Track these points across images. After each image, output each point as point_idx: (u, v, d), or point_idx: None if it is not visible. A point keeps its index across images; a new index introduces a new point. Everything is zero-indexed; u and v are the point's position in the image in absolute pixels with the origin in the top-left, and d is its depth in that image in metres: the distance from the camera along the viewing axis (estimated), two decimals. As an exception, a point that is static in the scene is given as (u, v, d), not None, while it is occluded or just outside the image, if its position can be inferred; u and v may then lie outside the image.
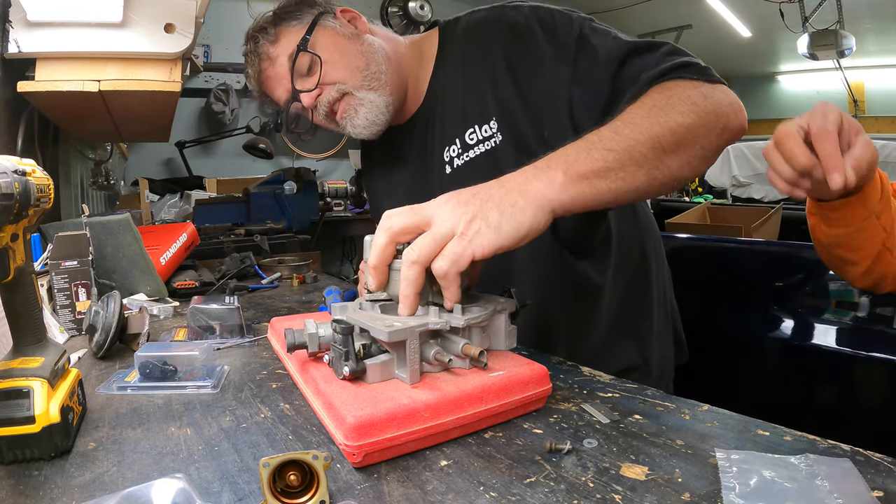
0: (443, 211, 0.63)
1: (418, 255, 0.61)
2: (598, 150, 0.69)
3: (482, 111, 0.99)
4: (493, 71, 0.98)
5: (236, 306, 1.01)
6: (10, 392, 0.54)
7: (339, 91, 1.01)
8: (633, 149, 0.70)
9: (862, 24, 5.80)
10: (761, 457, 0.53)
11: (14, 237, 0.56)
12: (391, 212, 0.65)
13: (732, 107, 0.80)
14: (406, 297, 0.63)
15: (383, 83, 1.02)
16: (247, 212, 2.73)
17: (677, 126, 0.73)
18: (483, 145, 0.99)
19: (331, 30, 1.04)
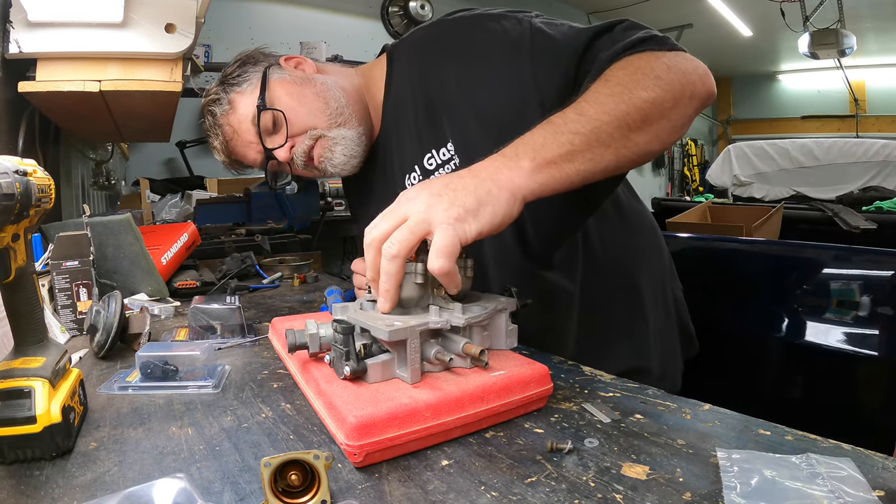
0: (416, 204, 0.63)
1: (398, 249, 0.61)
2: (563, 135, 0.68)
3: (437, 135, 0.98)
4: (442, 91, 0.97)
5: (237, 306, 1.01)
6: (12, 392, 0.54)
7: (312, 137, 1.02)
8: (600, 129, 0.69)
9: (863, 23, 5.80)
10: (762, 456, 0.53)
11: (15, 237, 0.56)
12: (370, 226, 0.65)
13: (698, 72, 0.78)
14: (387, 292, 0.62)
15: (349, 116, 1.02)
16: (248, 212, 2.73)
17: (643, 102, 0.72)
18: (443, 169, 0.98)
19: (281, 81, 1.03)
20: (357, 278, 1.15)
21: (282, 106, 1.01)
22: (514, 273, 0.99)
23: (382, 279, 0.62)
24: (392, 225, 0.63)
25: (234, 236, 2.29)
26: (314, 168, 1.05)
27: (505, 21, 0.93)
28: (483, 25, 0.95)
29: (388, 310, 0.63)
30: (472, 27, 0.96)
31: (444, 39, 0.99)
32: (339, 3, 4.47)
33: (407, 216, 0.62)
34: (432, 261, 0.59)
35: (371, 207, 1.14)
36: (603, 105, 0.71)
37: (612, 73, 0.76)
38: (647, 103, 0.72)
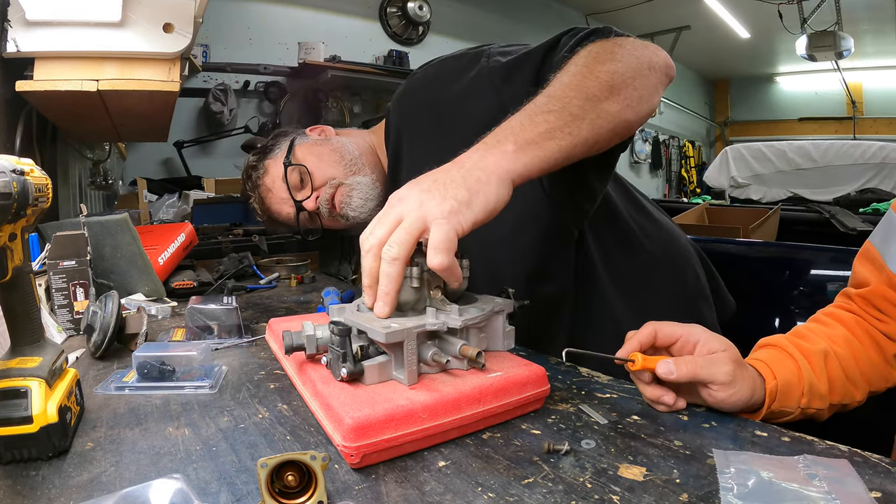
0: (409, 203, 0.63)
1: (397, 251, 0.60)
2: (538, 115, 0.70)
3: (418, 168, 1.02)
4: (424, 142, 1.05)
5: (234, 306, 1.01)
6: (8, 392, 0.54)
7: (332, 186, 1.17)
8: (570, 104, 0.71)
9: (860, 26, 5.81)
10: (759, 457, 0.53)
11: (12, 237, 0.56)
12: (365, 232, 0.65)
13: (649, 48, 0.83)
14: (387, 295, 0.62)
15: (361, 166, 1.19)
16: (245, 212, 2.72)
17: (604, 74, 0.75)
18: None
19: (305, 144, 1.22)
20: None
21: (305, 163, 1.18)
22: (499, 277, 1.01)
23: (383, 282, 0.62)
24: (388, 228, 0.62)
25: (231, 236, 2.29)
26: (338, 215, 1.19)
27: (465, 59, 1.02)
28: (448, 71, 1.04)
29: (387, 314, 0.63)
30: (436, 77, 1.06)
31: (416, 96, 1.10)
32: (337, 3, 4.47)
33: (401, 217, 0.62)
34: (431, 257, 0.59)
35: None
36: (567, 84, 0.74)
37: (569, 63, 0.79)
38: (608, 74, 0.75)
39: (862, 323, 0.75)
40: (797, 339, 0.72)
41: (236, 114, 4.04)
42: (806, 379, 0.67)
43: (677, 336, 0.67)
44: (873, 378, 0.72)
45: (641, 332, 0.68)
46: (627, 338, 0.68)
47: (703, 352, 0.65)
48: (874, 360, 0.72)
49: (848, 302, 0.79)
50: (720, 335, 0.67)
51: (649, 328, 0.68)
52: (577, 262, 1.03)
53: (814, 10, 5.37)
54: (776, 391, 0.65)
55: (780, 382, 0.66)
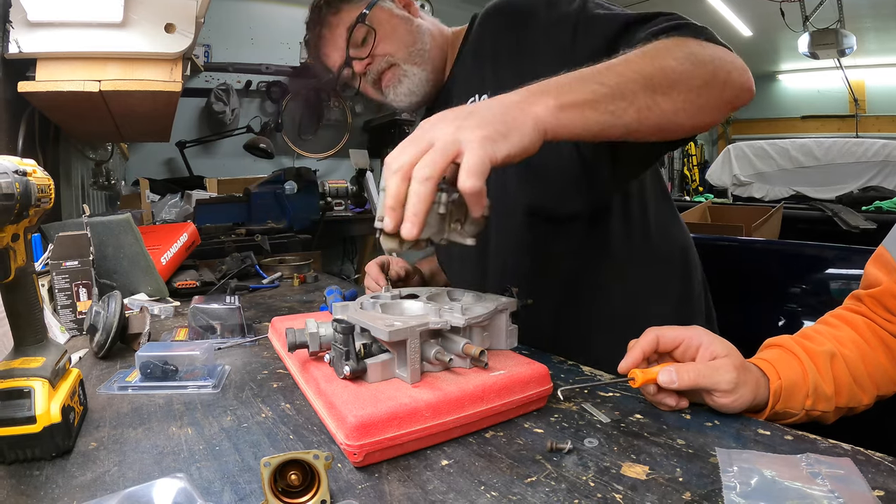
0: (443, 127, 0.62)
1: (430, 171, 0.59)
2: (589, 83, 0.68)
3: (480, 89, 1.05)
4: (495, 57, 1.03)
5: (237, 306, 1.01)
6: (12, 392, 0.54)
7: (388, 62, 1.13)
8: (624, 85, 0.69)
9: (862, 23, 5.79)
10: (762, 456, 0.53)
11: (15, 237, 0.56)
12: (393, 154, 0.63)
13: (734, 64, 0.79)
14: (416, 216, 0.59)
15: (426, 59, 1.14)
16: (248, 211, 2.73)
17: (670, 69, 0.72)
18: None
19: (387, 10, 1.15)
20: (369, 280, 1.19)
21: (377, 28, 1.12)
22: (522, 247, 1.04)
23: (412, 202, 0.59)
24: (418, 150, 0.61)
25: (233, 236, 2.29)
26: (379, 91, 1.17)
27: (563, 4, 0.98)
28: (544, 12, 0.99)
29: (415, 235, 0.60)
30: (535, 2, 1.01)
31: (511, 10, 1.05)
32: (338, 3, 4.47)
33: (433, 142, 0.61)
34: (463, 180, 0.58)
35: None
36: (630, 64, 0.71)
37: (645, 46, 0.76)
38: (675, 72, 0.72)
39: (871, 325, 0.75)
40: (803, 340, 0.72)
41: (238, 113, 4.04)
42: (811, 380, 0.67)
43: (680, 340, 0.67)
44: (882, 381, 0.71)
45: (643, 341, 0.67)
46: (630, 347, 0.68)
47: (706, 356, 0.65)
48: (883, 363, 0.71)
49: (857, 304, 0.79)
50: (722, 338, 0.66)
51: (651, 335, 0.67)
52: (598, 236, 1.04)
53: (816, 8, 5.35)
54: (780, 391, 0.65)
55: (785, 383, 0.66)
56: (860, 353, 0.71)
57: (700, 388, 0.63)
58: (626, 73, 0.70)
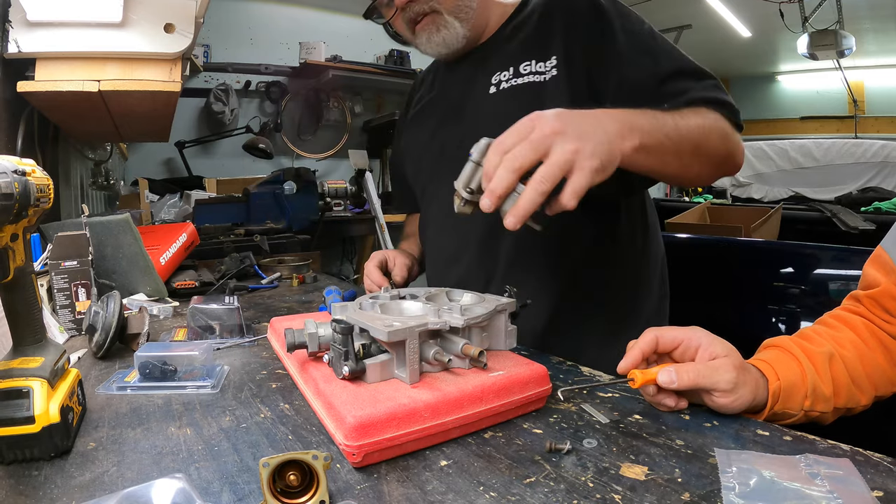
0: (564, 142, 0.67)
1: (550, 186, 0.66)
2: (662, 133, 0.80)
3: (544, 50, 1.04)
4: (571, 25, 1.03)
5: (236, 306, 1.01)
6: (10, 392, 0.54)
7: (431, 7, 1.10)
8: (682, 144, 0.83)
9: (862, 24, 5.79)
10: (761, 457, 0.53)
11: (14, 237, 0.56)
12: (509, 139, 0.69)
13: (739, 147, 0.96)
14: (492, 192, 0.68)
15: (469, 17, 1.11)
16: (246, 212, 2.73)
17: (711, 144, 0.89)
18: (534, 76, 1.03)
19: None
20: (369, 283, 1.19)
21: None
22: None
23: (498, 182, 0.67)
24: (533, 152, 0.67)
25: (232, 236, 2.29)
26: (411, 32, 1.14)
27: (634, 14, 1.04)
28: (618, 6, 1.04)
29: (491, 209, 0.69)
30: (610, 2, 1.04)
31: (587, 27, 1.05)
32: (338, 3, 4.46)
33: (550, 151, 0.67)
34: (568, 198, 0.67)
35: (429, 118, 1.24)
36: (691, 129, 0.85)
37: (699, 112, 0.90)
38: (713, 147, 0.89)
39: (870, 326, 0.75)
40: (802, 341, 0.72)
41: (237, 114, 4.04)
42: (810, 381, 0.67)
43: (679, 341, 0.67)
44: (880, 382, 0.71)
45: (643, 341, 0.67)
46: (629, 347, 0.68)
47: (706, 357, 0.65)
48: (881, 364, 0.71)
49: (856, 304, 0.79)
50: (722, 339, 0.66)
51: (650, 336, 0.67)
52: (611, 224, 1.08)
53: (815, 9, 5.35)
54: (779, 392, 0.65)
55: (784, 384, 0.66)
56: (858, 353, 0.71)
57: (699, 388, 0.63)
58: (687, 135, 0.84)
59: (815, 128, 7.41)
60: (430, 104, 1.26)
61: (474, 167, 0.74)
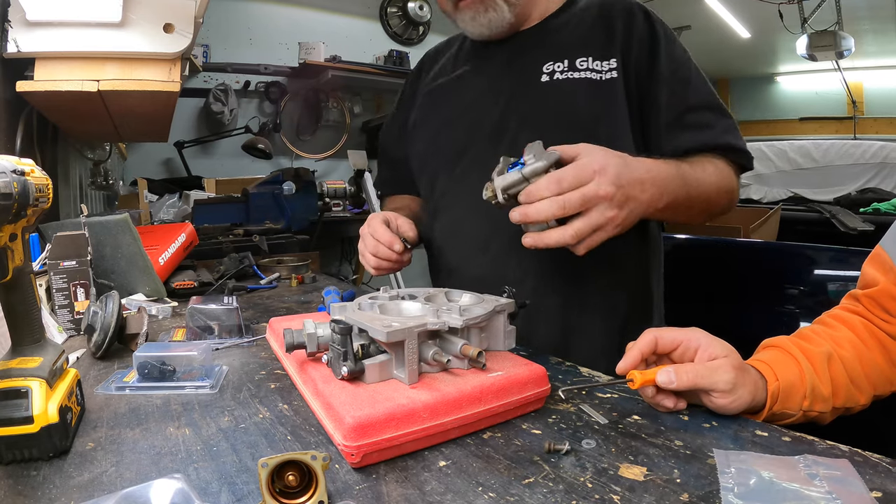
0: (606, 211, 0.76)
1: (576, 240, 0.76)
2: (684, 193, 0.89)
3: (604, 51, 1.04)
4: (629, 33, 1.04)
5: (235, 306, 1.01)
6: (9, 392, 0.54)
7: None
8: (696, 197, 0.93)
9: (861, 25, 5.80)
10: (760, 457, 0.53)
11: (13, 237, 0.56)
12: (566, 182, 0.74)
13: (736, 197, 1.06)
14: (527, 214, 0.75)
15: (519, 3, 1.09)
16: (246, 212, 2.73)
17: (721, 199, 1.00)
18: (590, 73, 1.03)
19: None
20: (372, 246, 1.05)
21: None
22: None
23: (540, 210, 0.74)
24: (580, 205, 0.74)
25: (231, 236, 2.29)
26: (454, 6, 1.11)
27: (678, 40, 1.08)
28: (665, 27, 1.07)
29: (517, 223, 0.77)
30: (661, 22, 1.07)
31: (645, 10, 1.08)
32: (337, 3, 4.46)
33: (594, 207, 0.75)
34: (581, 251, 0.78)
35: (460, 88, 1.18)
36: (709, 186, 0.96)
37: (720, 167, 1.00)
38: (719, 199, 1.00)
39: (868, 325, 0.75)
40: (801, 341, 0.72)
41: (237, 114, 4.04)
42: (808, 381, 0.67)
43: (678, 342, 0.67)
44: (878, 382, 0.71)
45: (642, 342, 0.67)
46: (627, 348, 0.68)
47: (705, 357, 0.65)
48: (880, 363, 0.72)
49: (854, 304, 0.79)
50: (721, 339, 0.67)
51: (649, 336, 0.67)
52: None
53: (814, 10, 5.35)
54: (778, 393, 0.65)
55: (783, 384, 0.66)
56: (857, 353, 0.71)
57: (698, 388, 0.63)
58: (703, 193, 0.94)
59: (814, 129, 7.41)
60: (458, 81, 1.20)
61: (521, 179, 0.77)
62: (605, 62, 1.03)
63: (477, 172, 1.05)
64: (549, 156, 0.76)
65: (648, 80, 1.02)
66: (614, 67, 1.02)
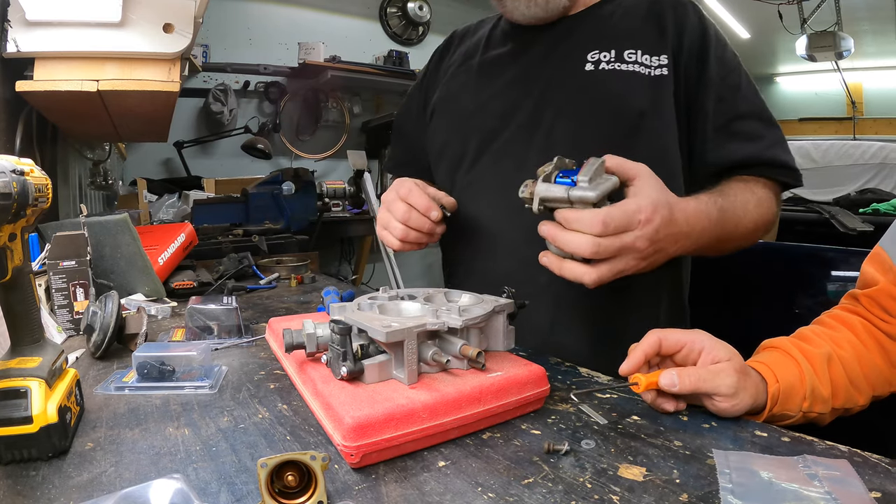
0: (631, 261, 0.73)
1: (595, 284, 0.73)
2: (717, 236, 0.86)
3: (655, 46, 1.00)
4: (680, 32, 1.00)
5: (234, 306, 1.01)
6: (8, 392, 0.54)
7: None
8: (727, 241, 0.90)
9: (860, 26, 5.80)
10: (759, 457, 0.53)
11: (12, 237, 0.56)
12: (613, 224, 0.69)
13: (769, 228, 0.99)
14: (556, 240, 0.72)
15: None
16: (245, 212, 2.73)
17: (749, 241, 0.96)
18: (639, 67, 0.98)
19: None
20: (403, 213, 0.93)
21: None
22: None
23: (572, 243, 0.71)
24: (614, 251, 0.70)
25: (231, 237, 2.29)
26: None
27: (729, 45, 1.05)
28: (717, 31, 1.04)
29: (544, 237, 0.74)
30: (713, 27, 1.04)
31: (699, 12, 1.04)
32: (337, 3, 4.46)
33: (623, 255, 0.72)
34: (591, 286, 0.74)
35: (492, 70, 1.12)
36: (746, 225, 0.91)
37: (763, 198, 0.96)
38: (748, 241, 0.96)
39: (867, 326, 0.75)
40: (801, 342, 0.72)
41: (236, 114, 4.04)
42: (808, 383, 0.67)
43: (682, 344, 0.67)
44: (877, 383, 0.71)
45: (646, 343, 0.67)
46: (630, 350, 0.68)
47: (708, 360, 0.65)
48: (879, 364, 0.72)
49: (854, 304, 0.79)
50: (724, 342, 0.67)
51: (653, 338, 0.67)
52: None
53: (814, 11, 5.36)
54: (778, 394, 0.65)
55: (783, 386, 0.66)
56: (856, 354, 0.71)
57: (701, 392, 0.63)
58: (739, 232, 0.91)
59: (813, 129, 7.42)
60: (490, 64, 1.12)
61: (565, 199, 0.70)
62: (655, 57, 0.98)
63: (505, 164, 1.02)
64: (604, 185, 0.70)
65: (697, 84, 0.99)
66: (664, 64, 0.98)
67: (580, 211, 0.69)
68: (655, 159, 0.91)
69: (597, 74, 0.99)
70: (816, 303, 1.77)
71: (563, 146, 0.96)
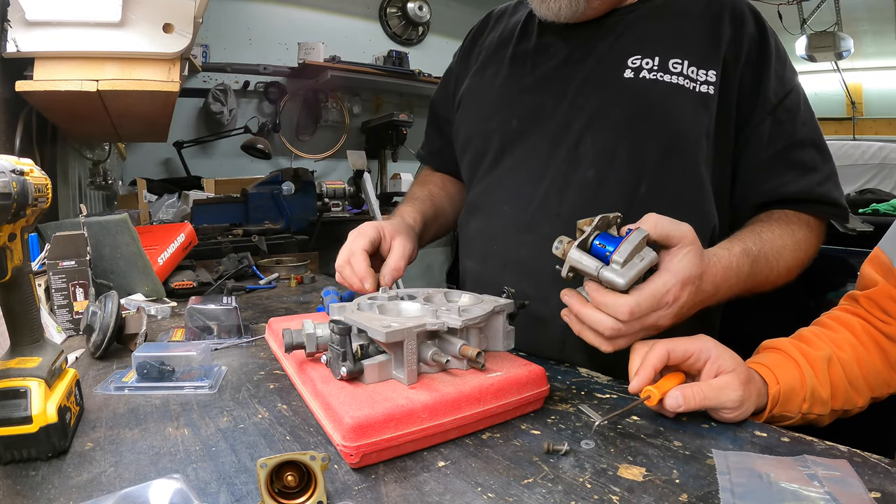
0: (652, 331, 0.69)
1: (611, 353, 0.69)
2: (743, 288, 0.80)
3: (704, 58, 0.90)
4: (737, 42, 0.91)
5: (234, 307, 1.01)
6: (8, 392, 0.54)
7: None
8: (754, 290, 0.83)
9: (860, 26, 5.81)
10: (759, 458, 0.53)
11: (12, 237, 0.56)
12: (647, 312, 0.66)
13: (802, 270, 0.92)
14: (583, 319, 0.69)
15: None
16: (245, 212, 2.72)
17: (776, 286, 0.88)
18: (684, 80, 0.89)
19: None
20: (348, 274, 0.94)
21: None
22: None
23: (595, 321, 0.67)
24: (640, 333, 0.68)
25: (231, 237, 2.29)
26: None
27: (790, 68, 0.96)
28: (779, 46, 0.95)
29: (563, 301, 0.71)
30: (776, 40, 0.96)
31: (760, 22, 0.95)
32: (337, 3, 4.46)
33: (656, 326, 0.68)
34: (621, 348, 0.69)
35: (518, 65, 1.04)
36: (778, 273, 0.85)
37: (802, 240, 0.90)
38: (776, 286, 0.88)
39: (867, 327, 0.75)
40: (801, 344, 0.72)
41: (236, 114, 4.03)
42: (808, 384, 0.67)
43: (689, 353, 0.66)
44: (876, 384, 0.72)
45: (654, 356, 0.66)
46: (638, 363, 0.67)
47: (713, 371, 0.64)
48: (878, 366, 0.72)
49: (854, 305, 0.79)
50: (730, 350, 0.66)
51: (661, 350, 0.66)
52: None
53: (813, 11, 5.36)
54: (779, 396, 0.65)
55: (783, 387, 0.66)
56: (856, 355, 0.71)
57: (706, 408, 0.63)
58: (770, 281, 0.85)
59: (813, 129, 7.42)
60: (521, 57, 1.04)
61: (596, 277, 0.66)
62: (703, 71, 0.89)
63: (524, 174, 0.96)
64: (639, 266, 0.65)
65: (752, 102, 0.90)
66: (712, 82, 0.88)
67: (608, 294, 0.65)
68: (688, 191, 0.89)
69: (636, 83, 0.90)
70: (816, 303, 1.77)
71: (588, 164, 0.90)
